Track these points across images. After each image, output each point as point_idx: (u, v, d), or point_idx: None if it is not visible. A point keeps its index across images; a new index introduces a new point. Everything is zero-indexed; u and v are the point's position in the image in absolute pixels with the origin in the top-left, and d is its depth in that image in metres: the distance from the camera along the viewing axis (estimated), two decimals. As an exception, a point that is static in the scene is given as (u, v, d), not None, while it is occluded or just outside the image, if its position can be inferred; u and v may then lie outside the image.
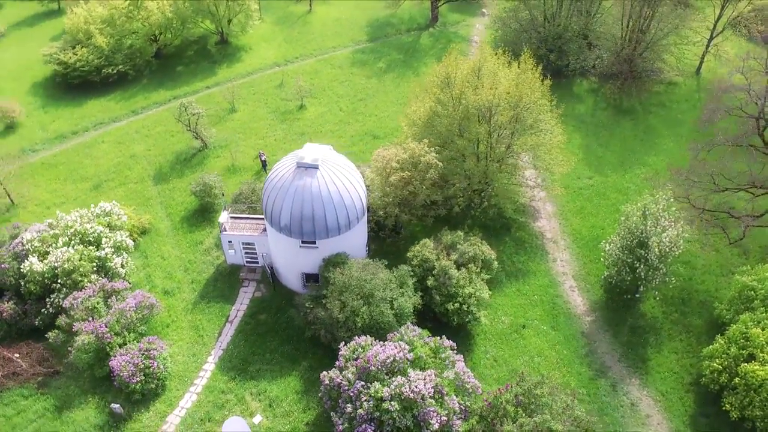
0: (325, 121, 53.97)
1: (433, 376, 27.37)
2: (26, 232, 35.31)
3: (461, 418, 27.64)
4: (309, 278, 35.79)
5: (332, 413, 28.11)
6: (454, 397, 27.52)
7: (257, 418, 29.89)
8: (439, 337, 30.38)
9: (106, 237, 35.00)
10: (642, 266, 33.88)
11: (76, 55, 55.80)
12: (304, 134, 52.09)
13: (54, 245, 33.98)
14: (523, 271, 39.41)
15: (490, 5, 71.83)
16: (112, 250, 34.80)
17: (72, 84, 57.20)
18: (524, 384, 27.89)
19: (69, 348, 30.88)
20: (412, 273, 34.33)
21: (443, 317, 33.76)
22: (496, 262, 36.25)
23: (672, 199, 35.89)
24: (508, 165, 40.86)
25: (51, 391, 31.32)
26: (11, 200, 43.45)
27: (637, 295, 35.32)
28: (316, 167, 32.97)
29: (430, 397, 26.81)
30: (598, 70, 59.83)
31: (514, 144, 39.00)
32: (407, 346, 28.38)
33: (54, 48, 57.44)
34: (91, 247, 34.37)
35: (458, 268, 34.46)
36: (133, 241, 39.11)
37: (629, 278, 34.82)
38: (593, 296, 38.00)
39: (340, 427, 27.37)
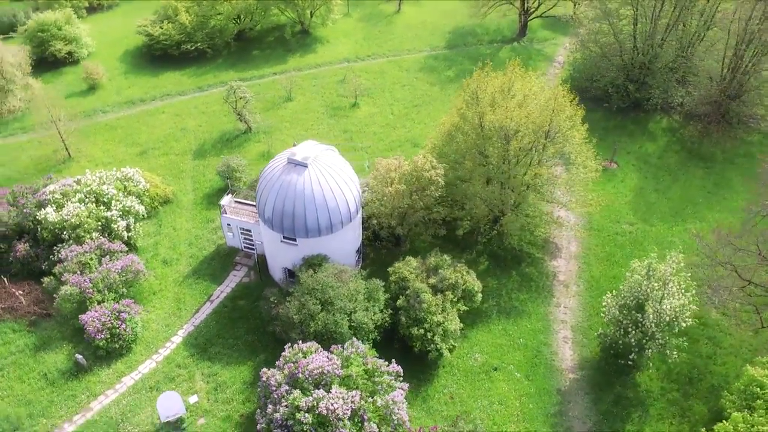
0: (372, 122, 54.05)
1: (358, 398, 26.63)
2: (54, 184, 38.88)
3: (377, 448, 26.71)
4: (291, 274, 36.18)
5: (258, 410, 28.34)
6: (375, 426, 26.58)
7: (193, 398, 30.85)
8: (384, 361, 29.52)
9: (116, 200, 37.69)
10: (635, 331, 30.57)
11: (162, 29, 60.30)
12: (347, 132, 52.60)
13: (71, 200, 37.15)
14: (518, 310, 37.04)
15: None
16: (119, 213, 37.35)
17: (154, 55, 61.99)
18: (454, 430, 26.32)
19: (55, 295, 33.68)
20: (385, 289, 33.59)
21: (408, 341, 32.67)
22: (480, 295, 34.42)
23: (688, 265, 31.93)
24: (526, 195, 38.49)
25: (38, 330, 34.40)
26: (69, 153, 48.05)
27: (630, 362, 31.87)
28: (305, 165, 33.18)
29: (348, 419, 26.12)
30: (684, 109, 54.51)
31: (529, 173, 36.61)
32: (339, 361, 27.84)
33: (147, 21, 62.45)
34: (101, 207, 37.18)
35: (435, 293, 33.15)
36: (152, 208, 41.75)
37: (621, 342, 31.59)
38: (586, 352, 34.89)
39: (259, 426, 27.54)
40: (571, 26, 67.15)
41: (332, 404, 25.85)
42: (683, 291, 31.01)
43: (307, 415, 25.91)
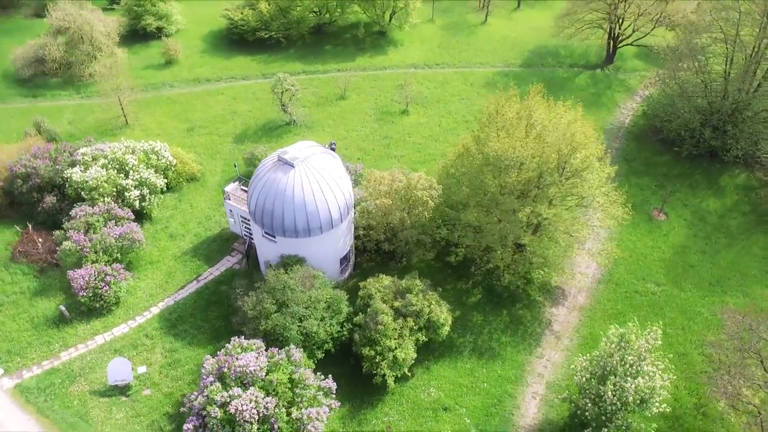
0: (416, 132, 53.37)
1: (272, 405, 26.65)
2: (88, 147, 42.43)
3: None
4: (273, 269, 36.78)
5: (187, 395, 29.26)
6: (283, 419, 26.52)
7: (142, 369, 32.46)
8: (320, 375, 29.33)
9: (135, 170, 40.37)
10: (590, 405, 27.78)
11: (242, 14, 63.46)
12: (387, 138, 52.39)
13: (96, 164, 40.38)
14: (494, 352, 35.01)
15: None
16: (135, 183, 40.01)
17: (231, 39, 65.42)
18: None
19: (58, 248, 36.87)
20: (348, 303, 33.23)
21: (360, 359, 32.09)
22: (446, 328, 32.92)
23: (657, 345, 28.33)
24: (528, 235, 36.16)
25: (42, 277, 37.86)
26: (126, 121, 52.18)
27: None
28: (291, 165, 33.53)
29: (254, 423, 26.23)
30: (768, 167, 48.48)
31: (530, 211, 34.24)
32: (266, 364, 27.96)
33: (233, 6, 65.95)
34: (120, 175, 40.05)
35: (398, 317, 32.21)
36: (177, 183, 44.32)
37: (580, 412, 28.86)
38: (553, 414, 32.25)
39: (182, 408, 28.50)
40: (662, 58, 61.80)
41: (241, 405, 26.09)
42: (659, 372, 27.63)
43: (217, 410, 26.36)
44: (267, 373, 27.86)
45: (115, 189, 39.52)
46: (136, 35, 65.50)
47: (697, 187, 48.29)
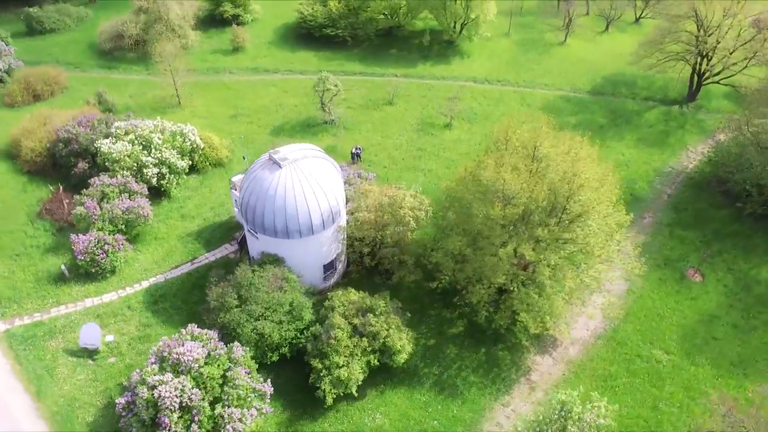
0: (453, 147, 52.12)
1: (196, 398, 27.26)
2: (123, 121, 45.43)
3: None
4: (257, 264, 37.51)
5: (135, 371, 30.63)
6: (196, 429, 27.00)
7: (110, 337, 34.36)
8: (259, 377, 29.62)
9: (157, 149, 42.69)
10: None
11: (312, 10, 65.02)
12: (421, 150, 51.61)
13: (124, 138, 43.18)
14: (457, 390, 33.51)
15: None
16: (155, 161, 42.32)
17: (300, 33, 67.19)
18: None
19: (72, 211, 39.89)
20: (315, 311, 33.17)
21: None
22: (402, 356, 31.93)
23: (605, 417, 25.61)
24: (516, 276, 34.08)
25: (59, 236, 41.16)
26: (179, 101, 55.30)
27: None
28: (279, 165, 33.92)
29: (175, 411, 26.94)
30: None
31: (514, 249, 32.26)
32: (204, 356, 28.57)
33: (306, 1, 67.66)
34: (144, 152, 42.56)
35: (354, 335, 31.69)
36: (203, 167, 46.37)
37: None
38: (497, 469, 30.32)
39: (126, 383, 29.92)
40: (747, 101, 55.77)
41: (165, 391, 26.90)
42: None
43: (146, 391, 27.36)
44: (203, 365, 28.41)
45: (135, 164, 42.06)
46: (214, 20, 69.09)
47: (752, 251, 43.20)
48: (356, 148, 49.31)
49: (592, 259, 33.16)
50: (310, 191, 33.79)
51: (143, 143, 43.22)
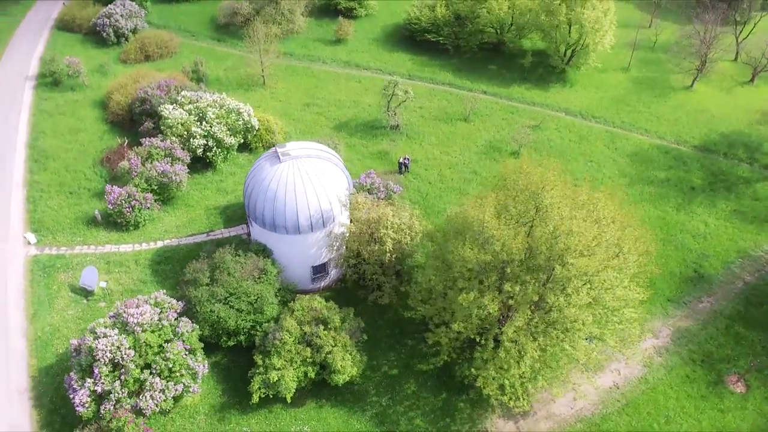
0: (510, 177, 49.28)
1: (127, 358, 29.15)
2: (190, 91, 49.08)
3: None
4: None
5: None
6: (123, 391, 28.87)
7: (103, 284, 37.67)
8: (201, 357, 30.91)
9: (206, 122, 45.65)
10: None
11: (419, 14, 64.91)
12: (474, 173, 49.65)
13: (184, 107, 46.73)
14: (396, 430, 31.98)
15: None
16: (204, 133, 45.30)
17: (403, 34, 67.40)
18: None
19: (121, 164, 44.19)
20: (281, 307, 33.74)
21: (258, 364, 32.56)
22: (342, 377, 31.24)
23: None
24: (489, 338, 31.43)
25: (113, 176, 45.61)
26: (264, 81, 58.51)
27: None
28: (279, 160, 34.64)
29: (106, 365, 29.06)
30: None
31: (467, 294, 29.84)
32: (148, 323, 30.31)
33: (423, 4, 67.47)
34: (197, 122, 45.78)
35: (301, 342, 31.65)
36: (255, 147, 48.76)
37: None
38: None
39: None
40: None
41: (101, 344, 29.10)
42: None
43: (90, 339, 29.81)
44: (145, 330, 30.18)
45: (185, 132, 45.34)
46: (328, 10, 71.65)
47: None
48: (405, 158, 48.66)
49: (574, 334, 29.58)
50: (302, 191, 34.16)
51: (199, 115, 46.40)
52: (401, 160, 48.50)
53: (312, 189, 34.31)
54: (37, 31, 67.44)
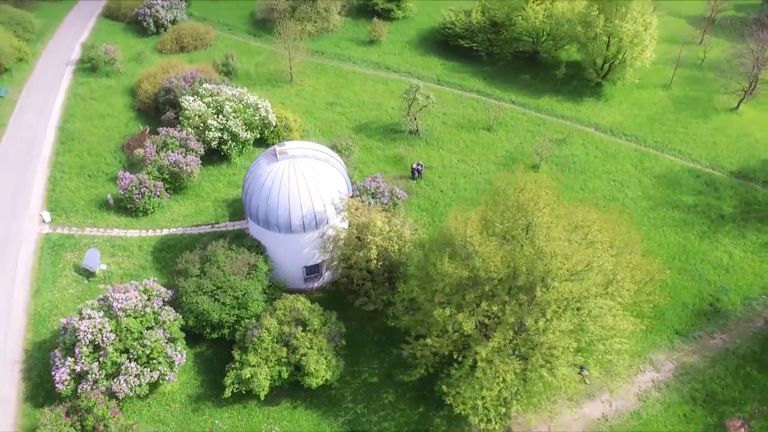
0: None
1: (106, 339, 30.07)
2: (211, 84, 50.12)
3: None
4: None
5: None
6: (100, 372, 29.77)
7: (104, 266, 38.92)
8: (167, 341, 31.62)
9: (223, 115, 46.54)
10: None
11: (454, 18, 64.24)
12: (490, 184, 48.51)
13: (203, 99, 47.82)
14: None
15: None
16: (219, 126, 46.20)
17: (438, 39, 66.80)
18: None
19: (136, 151, 45.62)
20: (267, 304, 34.16)
21: (237, 357, 32.95)
22: (316, 380, 31.24)
23: None
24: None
25: (131, 163, 47.18)
26: (291, 77, 59.24)
27: None
28: (276, 159, 34.95)
29: (87, 345, 30.05)
30: None
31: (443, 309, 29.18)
32: (132, 309, 31.12)
33: (464, 8, 66.68)
34: (214, 115, 46.77)
35: (278, 341, 31.83)
36: (271, 141, 49.44)
37: None
38: None
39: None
40: None
41: (83, 325, 30.16)
42: None
43: (76, 319, 30.94)
44: (128, 316, 31.03)
45: (202, 124, 46.37)
46: (366, 11, 71.73)
47: None
48: (418, 164, 48.28)
49: (554, 360, 28.48)
50: (296, 191, 34.36)
51: (217, 108, 47.37)
52: (414, 166, 48.11)
53: (306, 189, 34.44)
54: (85, 18, 70.48)
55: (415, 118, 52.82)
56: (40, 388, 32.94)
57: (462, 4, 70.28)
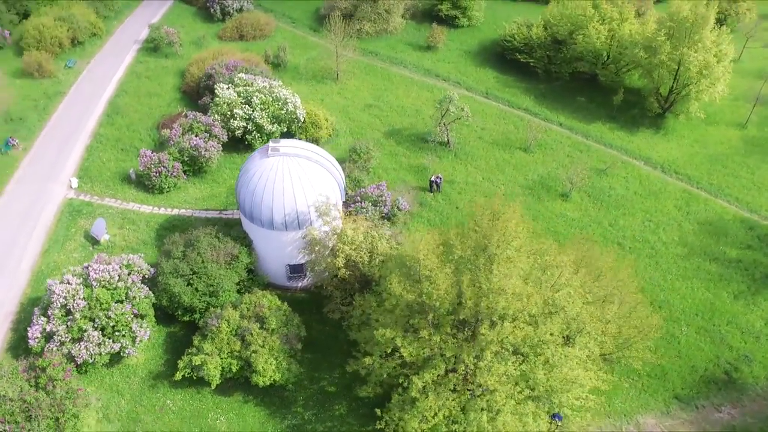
0: (548, 219, 45.98)
1: (77, 306, 31.95)
2: (246, 74, 51.64)
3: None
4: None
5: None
6: (67, 335, 31.76)
7: (107, 236, 41.26)
8: (134, 316, 33.01)
9: (250, 106, 47.89)
10: None
11: (516, 32, 62.33)
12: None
13: (235, 88, 49.44)
14: (308, 445, 31.69)
15: None
16: (245, 116, 47.62)
17: (496, 51, 65.08)
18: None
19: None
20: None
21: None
22: (263, 379, 31.58)
23: None
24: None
25: (161, 142, 49.70)
26: (337, 76, 60.07)
27: None
28: (267, 155, 35.52)
29: (58, 309, 32.10)
30: None
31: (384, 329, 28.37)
32: (106, 280, 32.81)
33: (530, 22, 64.59)
34: (242, 104, 48.31)
35: (235, 332, 32.42)
36: (297, 136, 50.45)
37: None
38: None
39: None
40: None
41: (57, 289, 32.22)
42: None
43: (56, 283, 33.10)
44: (101, 287, 32.74)
45: (229, 112, 47.97)
46: (431, 15, 71.12)
47: None
48: (437, 177, 47.39)
49: (492, 405, 26.93)
50: (281, 189, 34.77)
51: (247, 98, 48.82)
52: (432, 179, 47.23)
53: (291, 189, 34.76)
54: (163, 1, 74.93)
55: (447, 130, 51.80)
56: (21, 341, 35.44)
57: (534, 17, 68.06)
